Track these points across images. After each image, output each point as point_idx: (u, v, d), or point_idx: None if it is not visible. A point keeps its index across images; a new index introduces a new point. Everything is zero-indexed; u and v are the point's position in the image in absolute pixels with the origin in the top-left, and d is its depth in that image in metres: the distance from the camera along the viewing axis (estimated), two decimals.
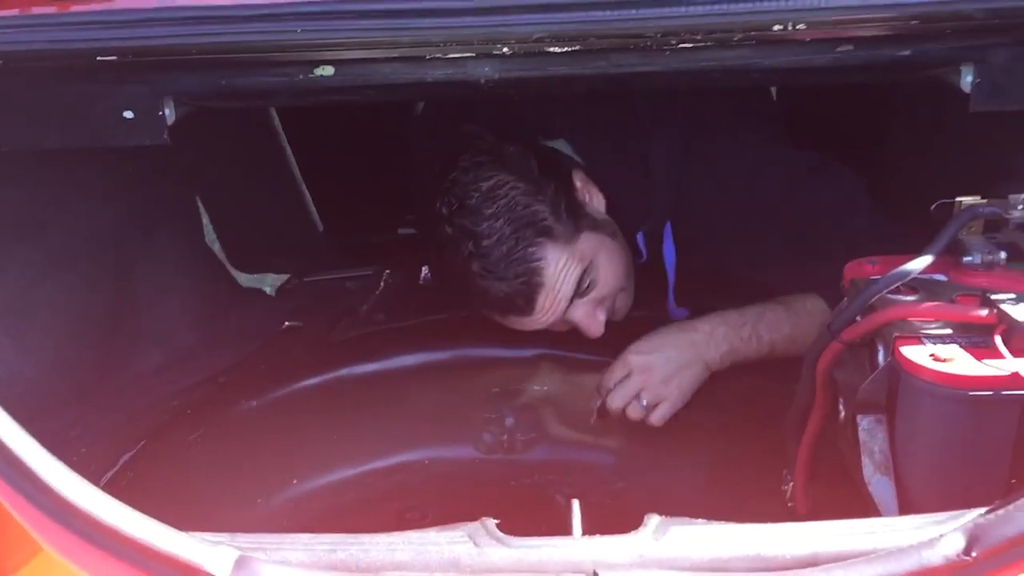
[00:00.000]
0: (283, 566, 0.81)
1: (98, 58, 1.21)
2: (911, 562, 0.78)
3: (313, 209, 2.19)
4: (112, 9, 1.22)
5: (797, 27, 1.14)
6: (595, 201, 1.68)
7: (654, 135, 1.70)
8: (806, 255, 1.57)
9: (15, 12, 1.20)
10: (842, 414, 1.29)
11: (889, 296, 1.24)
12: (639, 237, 1.72)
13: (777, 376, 1.52)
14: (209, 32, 1.18)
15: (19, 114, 1.35)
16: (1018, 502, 0.81)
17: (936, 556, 0.77)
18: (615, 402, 1.61)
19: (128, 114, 1.36)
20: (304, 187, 2.15)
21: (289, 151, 2.11)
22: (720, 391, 1.61)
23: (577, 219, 1.60)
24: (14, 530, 0.83)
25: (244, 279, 2.05)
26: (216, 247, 2.01)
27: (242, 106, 1.65)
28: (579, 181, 1.66)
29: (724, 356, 1.60)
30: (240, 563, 0.80)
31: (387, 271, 1.99)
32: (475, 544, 0.85)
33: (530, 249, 1.53)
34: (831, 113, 1.87)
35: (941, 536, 0.79)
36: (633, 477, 1.65)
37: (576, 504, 0.91)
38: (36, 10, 1.19)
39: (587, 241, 1.60)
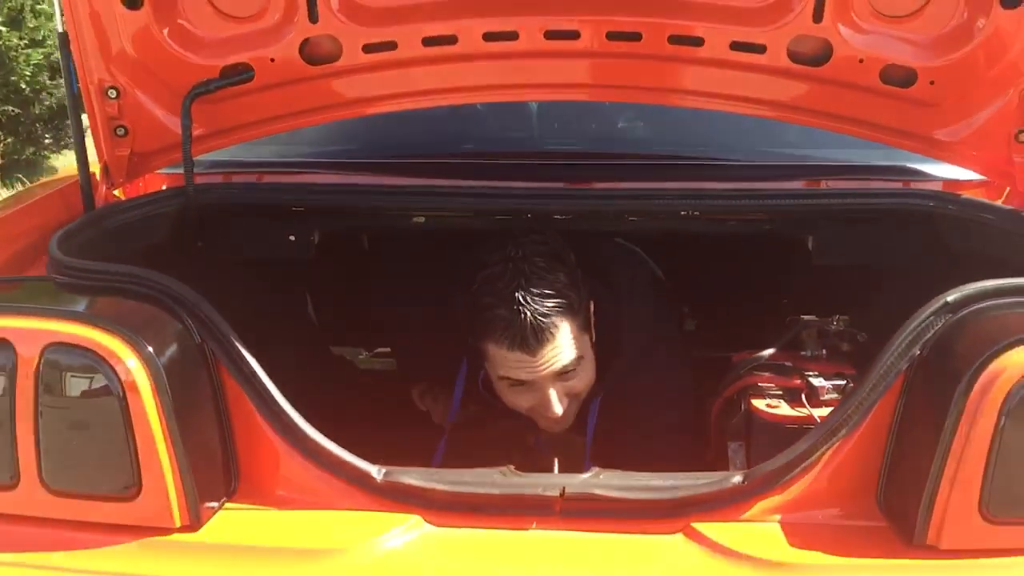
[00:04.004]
0: (407, 473, 1.61)
1: (292, 208, 2.09)
2: (719, 484, 1.58)
3: None
4: (306, 183, 2.10)
5: (694, 213, 2.01)
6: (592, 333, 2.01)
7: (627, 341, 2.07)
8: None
9: (251, 180, 2.09)
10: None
11: (752, 371, 2.06)
12: None
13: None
14: (360, 200, 2.05)
15: (232, 236, 2.21)
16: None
17: (728, 482, 1.58)
18: None
19: (291, 237, 2.23)
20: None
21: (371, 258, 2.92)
22: None
23: (588, 325, 1.97)
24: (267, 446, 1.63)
25: (335, 350, 2.86)
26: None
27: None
28: (592, 309, 2.00)
29: None
30: (388, 473, 1.61)
31: None
32: (503, 475, 1.65)
33: (558, 310, 1.86)
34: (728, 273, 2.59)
35: (734, 475, 1.60)
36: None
37: (556, 460, 1.73)
38: (268, 179, 2.08)
39: (586, 342, 1.95)
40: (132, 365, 1.49)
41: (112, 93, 1.98)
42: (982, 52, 1.87)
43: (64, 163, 9.54)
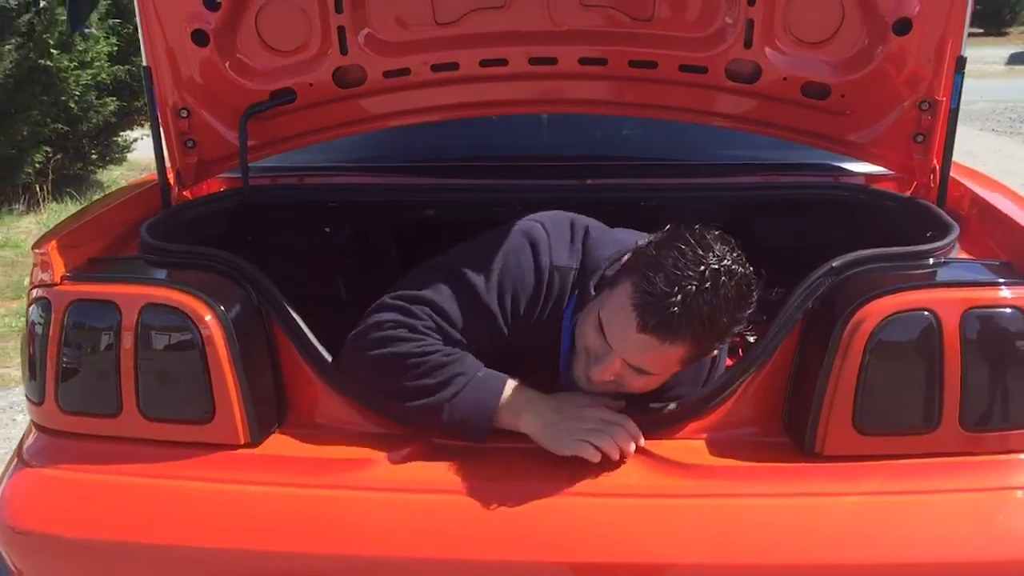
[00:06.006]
0: None
1: (329, 204, 2.58)
2: (658, 412, 2.02)
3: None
4: (340, 183, 2.58)
5: (652, 203, 2.47)
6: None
7: None
8: None
9: (294, 182, 2.58)
10: None
11: None
12: None
13: None
14: (386, 196, 2.53)
15: (277, 228, 2.69)
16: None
17: (665, 410, 2.02)
18: None
19: (327, 229, 2.71)
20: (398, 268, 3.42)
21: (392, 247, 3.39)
22: None
23: (687, 363, 1.95)
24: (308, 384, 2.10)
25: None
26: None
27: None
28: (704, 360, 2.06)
29: None
30: None
31: None
32: None
33: (691, 332, 1.84)
34: None
35: (670, 404, 2.04)
36: None
37: None
38: (308, 181, 2.57)
39: (670, 370, 1.96)
40: (209, 320, 1.97)
41: (183, 113, 2.45)
42: (882, 70, 2.32)
43: (108, 178, 10.14)
